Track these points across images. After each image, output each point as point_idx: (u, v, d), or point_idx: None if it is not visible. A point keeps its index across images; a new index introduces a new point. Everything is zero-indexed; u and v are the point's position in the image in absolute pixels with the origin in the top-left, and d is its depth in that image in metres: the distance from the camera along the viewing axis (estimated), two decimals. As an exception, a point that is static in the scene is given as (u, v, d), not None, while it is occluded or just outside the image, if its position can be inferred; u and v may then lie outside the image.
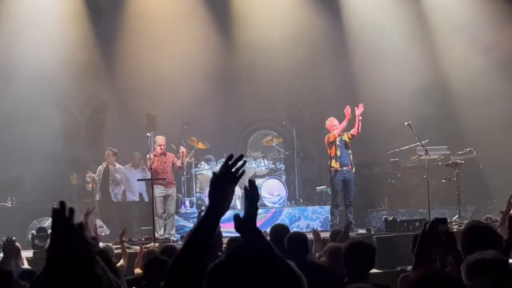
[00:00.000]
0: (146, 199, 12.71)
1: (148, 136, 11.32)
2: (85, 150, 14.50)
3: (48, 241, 6.47)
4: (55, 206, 2.08)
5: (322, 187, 13.68)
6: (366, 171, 14.04)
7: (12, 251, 5.61)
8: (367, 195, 13.48)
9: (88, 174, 12.54)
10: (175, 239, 10.86)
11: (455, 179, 11.19)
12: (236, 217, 2.60)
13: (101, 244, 6.30)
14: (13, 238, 5.65)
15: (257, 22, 14.77)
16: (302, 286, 2.37)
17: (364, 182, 13.70)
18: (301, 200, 13.40)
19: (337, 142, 11.25)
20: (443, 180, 11.97)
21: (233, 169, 2.44)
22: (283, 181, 12.90)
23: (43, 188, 12.66)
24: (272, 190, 12.73)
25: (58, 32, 13.82)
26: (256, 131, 15.18)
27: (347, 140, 11.26)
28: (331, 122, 11.44)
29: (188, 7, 14.63)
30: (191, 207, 12.41)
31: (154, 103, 13.68)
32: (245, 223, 2.53)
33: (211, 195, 2.41)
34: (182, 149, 11.63)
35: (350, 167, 11.30)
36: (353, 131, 11.20)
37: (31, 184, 12.74)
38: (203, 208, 11.77)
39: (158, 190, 11.24)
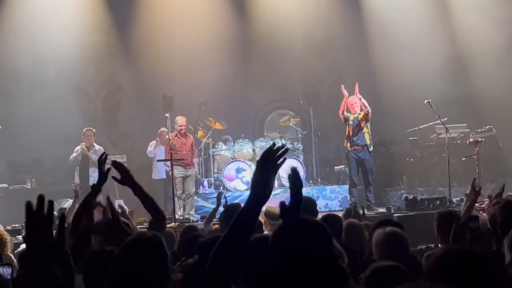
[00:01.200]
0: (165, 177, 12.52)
1: (167, 117, 11.29)
2: (102, 131, 14.53)
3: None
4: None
5: (340, 166, 13.62)
6: (385, 150, 13.95)
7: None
8: (386, 174, 13.43)
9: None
10: (194, 219, 10.89)
11: (475, 157, 11.09)
12: (282, 206, 2.62)
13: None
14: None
15: (274, 2, 14.65)
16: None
17: (382, 161, 13.62)
18: (319, 180, 13.37)
19: (350, 122, 11.20)
20: (463, 158, 11.87)
21: (275, 155, 2.44)
22: (301, 160, 12.85)
23: (61, 170, 12.74)
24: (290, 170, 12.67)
25: (74, 15, 13.84)
26: (273, 111, 15.11)
27: (362, 118, 11.16)
28: (351, 100, 11.36)
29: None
30: (209, 187, 12.44)
31: (171, 84, 13.63)
32: (291, 211, 2.48)
33: (253, 183, 2.43)
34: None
35: (364, 146, 11.18)
36: (366, 110, 11.16)
37: (49, 166, 12.81)
38: (221, 189, 11.79)
39: (178, 171, 11.22)
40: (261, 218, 7.06)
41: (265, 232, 6.22)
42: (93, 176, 11.59)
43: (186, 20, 14.27)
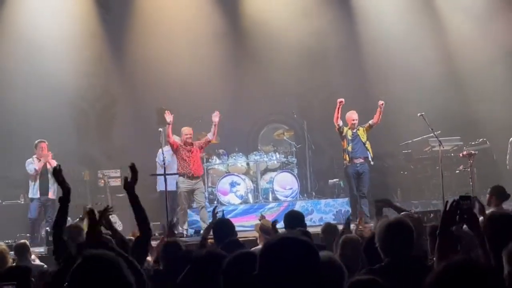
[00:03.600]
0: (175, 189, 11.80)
1: (160, 131, 11.27)
2: (96, 146, 14.51)
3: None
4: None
5: (334, 180, 13.63)
6: (379, 163, 13.94)
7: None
8: (380, 187, 13.40)
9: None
10: (188, 233, 10.85)
11: (469, 169, 11.11)
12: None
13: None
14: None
15: (266, 15, 14.70)
16: (342, 277, 2.39)
17: (377, 174, 13.60)
18: (314, 193, 13.36)
19: (349, 136, 11.29)
20: (457, 171, 11.89)
21: None
22: (295, 174, 12.86)
23: (56, 185, 12.68)
24: (284, 184, 12.69)
25: (67, 28, 13.85)
26: (267, 125, 15.13)
27: (363, 132, 11.26)
28: (350, 115, 11.39)
29: (198, 2, 14.60)
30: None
31: (164, 98, 13.64)
32: None
33: None
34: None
35: (365, 158, 11.31)
36: (372, 121, 11.22)
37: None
38: (215, 203, 11.75)
39: (184, 185, 11.04)
40: (256, 232, 7.07)
41: (259, 246, 6.22)
42: (52, 188, 11.39)
43: (179, 34, 14.29)
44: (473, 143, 13.19)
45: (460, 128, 13.63)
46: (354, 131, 11.38)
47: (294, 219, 6.03)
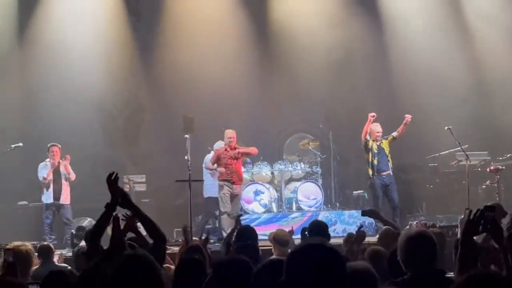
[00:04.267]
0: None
1: (187, 138, 11.34)
2: (122, 151, 14.66)
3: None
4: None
5: (359, 191, 13.56)
6: (404, 176, 13.86)
7: None
8: (405, 200, 13.30)
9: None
10: (211, 241, 10.85)
11: (495, 185, 10.97)
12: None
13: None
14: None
15: (294, 24, 14.71)
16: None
17: (402, 187, 13.52)
18: (338, 204, 13.30)
19: (374, 150, 11.26)
20: (484, 186, 11.75)
21: None
22: (319, 184, 12.84)
23: (82, 189, 12.83)
24: (308, 194, 12.68)
25: (98, 36, 14.04)
26: (292, 134, 15.12)
27: (386, 145, 11.23)
28: (374, 128, 11.47)
29: (226, 10, 14.68)
30: (226, 209, 12.41)
31: (192, 106, 13.73)
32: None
33: None
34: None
35: (390, 171, 11.27)
36: (396, 133, 11.28)
37: (71, 185, 12.92)
38: (240, 212, 11.75)
39: (226, 188, 11.04)
40: (270, 243, 7.06)
41: (273, 256, 6.22)
42: (65, 193, 11.52)
43: (208, 43, 14.39)
44: (500, 158, 13.01)
45: (487, 143, 13.46)
46: (378, 143, 11.34)
47: (318, 229, 6.02)
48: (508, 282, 2.30)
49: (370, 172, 11.44)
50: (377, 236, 6.93)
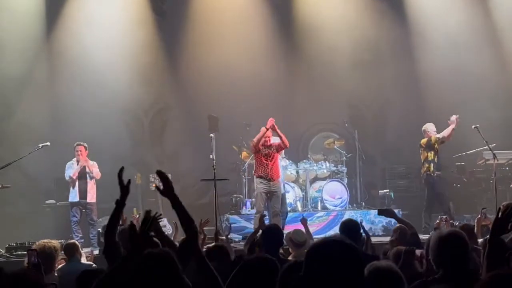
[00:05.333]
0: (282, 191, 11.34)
1: (212, 137, 11.37)
2: (148, 151, 14.77)
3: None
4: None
5: (385, 190, 13.47)
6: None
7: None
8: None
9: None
10: (236, 239, 10.90)
11: (524, 184, 10.84)
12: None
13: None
14: None
15: (320, 24, 14.67)
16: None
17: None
18: (363, 204, 13.24)
19: (436, 148, 11.29)
20: (511, 186, 11.60)
21: None
22: (344, 184, 12.80)
23: (108, 188, 12.92)
24: (333, 193, 12.65)
25: (124, 36, 14.14)
26: (317, 133, 15.08)
27: (439, 146, 11.54)
28: (432, 127, 11.61)
29: (251, 9, 14.69)
30: (252, 208, 12.43)
31: (217, 105, 13.80)
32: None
33: None
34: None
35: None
36: (443, 136, 11.46)
37: (97, 184, 13.07)
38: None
39: (261, 185, 10.75)
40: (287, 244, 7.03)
41: (290, 258, 6.22)
42: (91, 192, 11.61)
43: (232, 43, 14.43)
44: (529, 157, 12.84)
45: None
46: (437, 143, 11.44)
47: (350, 228, 5.98)
48: None
49: (430, 169, 11.50)
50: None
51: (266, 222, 10.28)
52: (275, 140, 11.04)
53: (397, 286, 3.20)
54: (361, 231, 6.26)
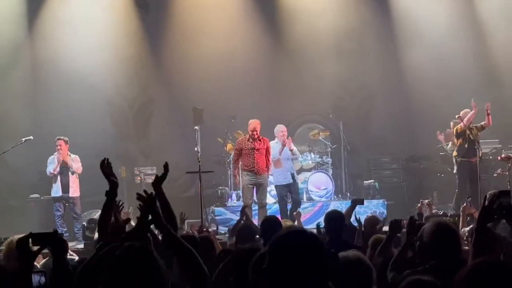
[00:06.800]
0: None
1: (196, 129, 11.35)
2: (133, 143, 14.72)
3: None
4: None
5: (370, 181, 13.53)
6: (415, 165, 13.86)
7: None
8: (416, 189, 13.30)
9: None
10: (222, 231, 10.90)
11: (507, 173, 10.92)
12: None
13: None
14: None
15: (304, 15, 14.66)
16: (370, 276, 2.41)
17: (413, 177, 13.54)
18: (348, 194, 13.29)
19: (468, 135, 11.16)
20: (495, 174, 11.70)
21: None
22: (329, 174, 12.84)
23: (93, 181, 12.86)
24: (318, 184, 12.68)
25: (107, 28, 14.06)
26: (302, 125, 15.09)
27: (476, 132, 11.25)
28: (464, 113, 11.34)
29: (234, 1, 14.66)
30: (237, 200, 12.45)
31: (201, 97, 13.77)
32: None
33: None
34: None
35: (476, 159, 11.13)
36: (484, 123, 11.25)
37: (82, 177, 13.01)
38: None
39: (247, 177, 10.71)
40: None
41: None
42: (73, 186, 11.53)
43: (216, 34, 14.39)
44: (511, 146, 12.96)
45: (498, 131, 13.39)
46: (471, 130, 11.32)
47: (334, 219, 6.01)
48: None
49: (459, 155, 11.40)
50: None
51: (255, 214, 10.38)
52: (276, 147, 11.16)
53: (366, 276, 3.28)
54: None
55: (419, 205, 7.64)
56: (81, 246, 9.79)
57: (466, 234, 5.45)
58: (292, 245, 2.27)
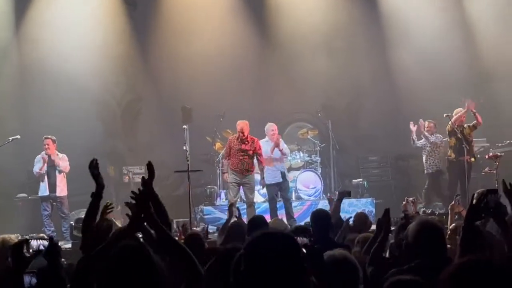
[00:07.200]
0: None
1: (185, 128, 11.32)
2: (121, 142, 14.65)
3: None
4: None
5: (358, 179, 13.56)
6: (403, 164, 13.90)
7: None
8: (405, 188, 13.33)
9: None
10: (210, 230, 10.88)
11: (494, 172, 10.97)
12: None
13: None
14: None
15: (293, 13, 14.68)
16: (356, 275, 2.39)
17: (401, 175, 13.56)
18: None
19: (458, 135, 11.21)
20: (483, 173, 11.75)
21: None
22: (318, 173, 12.85)
23: (82, 180, 12.77)
24: (307, 183, 12.69)
25: (95, 26, 13.99)
26: (291, 123, 15.11)
27: (469, 132, 11.34)
28: (456, 113, 11.51)
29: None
30: (226, 199, 12.42)
31: (190, 96, 13.73)
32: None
33: None
34: None
35: (469, 157, 11.21)
36: (475, 123, 11.38)
37: (70, 176, 12.94)
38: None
39: (233, 176, 10.85)
40: None
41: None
42: (60, 186, 11.44)
43: (205, 32, 14.37)
44: (499, 145, 13.02)
45: (486, 130, 13.45)
46: (463, 130, 11.45)
47: (321, 218, 6.01)
48: (498, 269, 2.30)
49: (451, 155, 11.55)
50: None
51: (244, 212, 10.37)
52: (267, 146, 11.20)
53: (352, 274, 3.30)
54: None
55: (404, 202, 7.68)
56: (69, 245, 9.73)
57: (449, 232, 5.46)
58: (267, 247, 2.23)
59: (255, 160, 11.04)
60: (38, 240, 4.09)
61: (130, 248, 2.74)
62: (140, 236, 4.37)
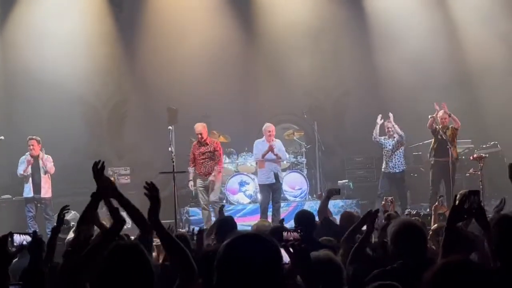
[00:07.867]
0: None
1: (170, 129, 11.29)
2: (107, 143, 14.59)
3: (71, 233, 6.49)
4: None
5: (344, 181, 13.59)
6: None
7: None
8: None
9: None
10: (195, 231, 10.83)
11: (479, 173, 11.04)
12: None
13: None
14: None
15: (279, 15, 14.71)
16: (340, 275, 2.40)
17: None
18: (323, 194, 13.32)
19: (438, 136, 11.35)
20: (467, 174, 11.83)
21: None
22: (304, 174, 12.87)
23: (67, 182, 12.75)
24: (293, 184, 12.70)
25: (80, 26, 13.93)
26: (277, 125, 15.01)
27: (451, 133, 11.39)
28: (443, 115, 11.56)
29: (209, 0, 14.64)
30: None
31: (175, 97, 13.70)
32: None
33: None
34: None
35: (449, 158, 11.22)
36: (454, 125, 11.46)
37: (55, 177, 12.87)
38: (224, 202, 11.76)
39: (199, 180, 11.08)
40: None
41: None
42: (45, 187, 11.36)
43: (190, 34, 14.34)
44: (484, 146, 13.12)
45: (471, 131, 13.56)
46: (444, 130, 11.49)
47: (305, 218, 6.03)
48: (479, 270, 2.31)
49: (432, 156, 11.65)
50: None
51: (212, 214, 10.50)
52: (263, 146, 11.23)
53: (336, 275, 3.33)
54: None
55: (383, 202, 7.73)
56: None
57: (431, 233, 5.49)
58: (241, 254, 2.12)
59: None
60: (21, 235, 4.08)
61: (125, 248, 2.75)
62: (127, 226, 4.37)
